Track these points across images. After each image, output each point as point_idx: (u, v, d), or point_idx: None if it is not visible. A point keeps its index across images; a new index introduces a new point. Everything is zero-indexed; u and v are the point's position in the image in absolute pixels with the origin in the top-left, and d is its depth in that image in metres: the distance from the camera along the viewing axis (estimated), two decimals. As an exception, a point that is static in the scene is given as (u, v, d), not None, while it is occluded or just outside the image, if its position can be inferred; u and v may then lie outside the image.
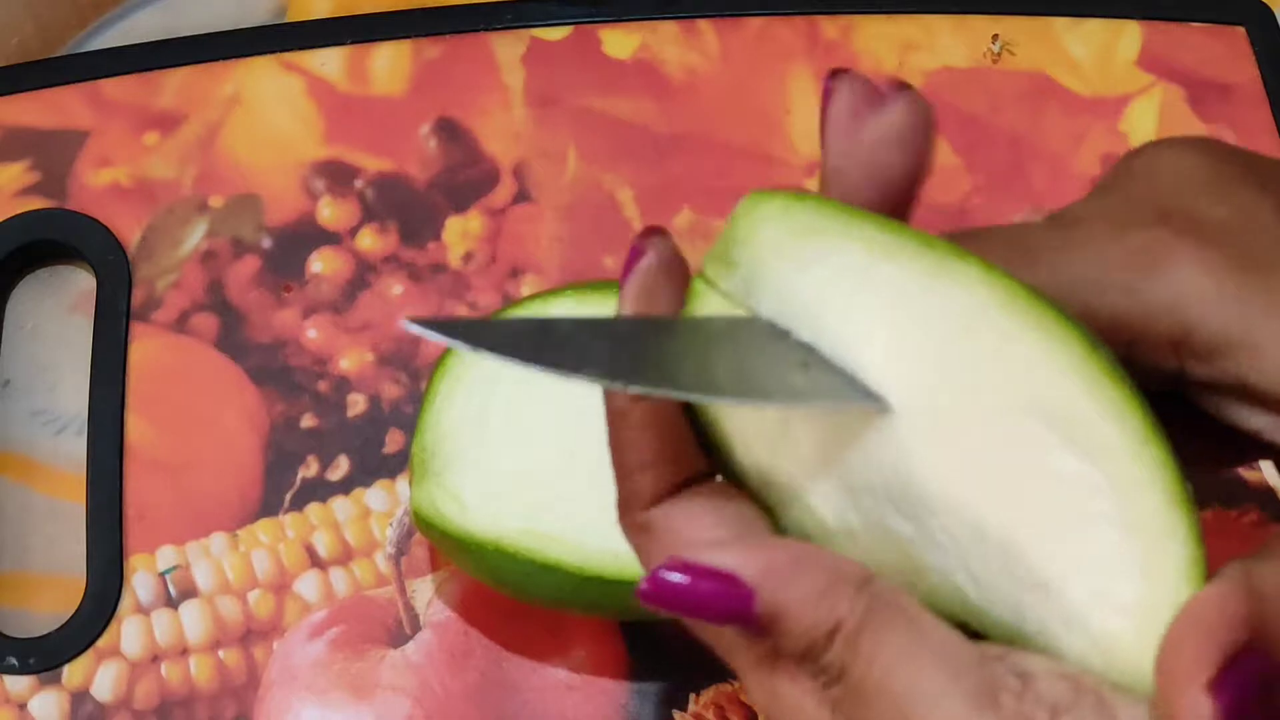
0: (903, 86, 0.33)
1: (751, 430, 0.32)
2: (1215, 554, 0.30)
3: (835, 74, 0.33)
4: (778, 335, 0.31)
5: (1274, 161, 0.34)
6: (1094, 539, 0.29)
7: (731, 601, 0.30)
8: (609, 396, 0.32)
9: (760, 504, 0.33)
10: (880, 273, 0.30)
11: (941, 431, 0.30)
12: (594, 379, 0.29)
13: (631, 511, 0.33)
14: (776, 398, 0.29)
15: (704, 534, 0.32)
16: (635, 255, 0.33)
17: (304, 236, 0.54)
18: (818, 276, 0.31)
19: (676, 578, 0.30)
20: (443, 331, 0.28)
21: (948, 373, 0.30)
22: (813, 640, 0.30)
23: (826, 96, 0.33)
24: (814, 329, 0.31)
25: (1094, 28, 0.58)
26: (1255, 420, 0.32)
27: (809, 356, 0.30)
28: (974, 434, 0.30)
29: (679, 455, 0.32)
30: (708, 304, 0.32)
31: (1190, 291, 0.31)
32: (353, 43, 0.57)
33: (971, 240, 0.33)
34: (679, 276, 0.33)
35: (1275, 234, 0.32)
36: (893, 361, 0.30)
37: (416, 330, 0.28)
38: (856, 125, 0.33)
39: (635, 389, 0.29)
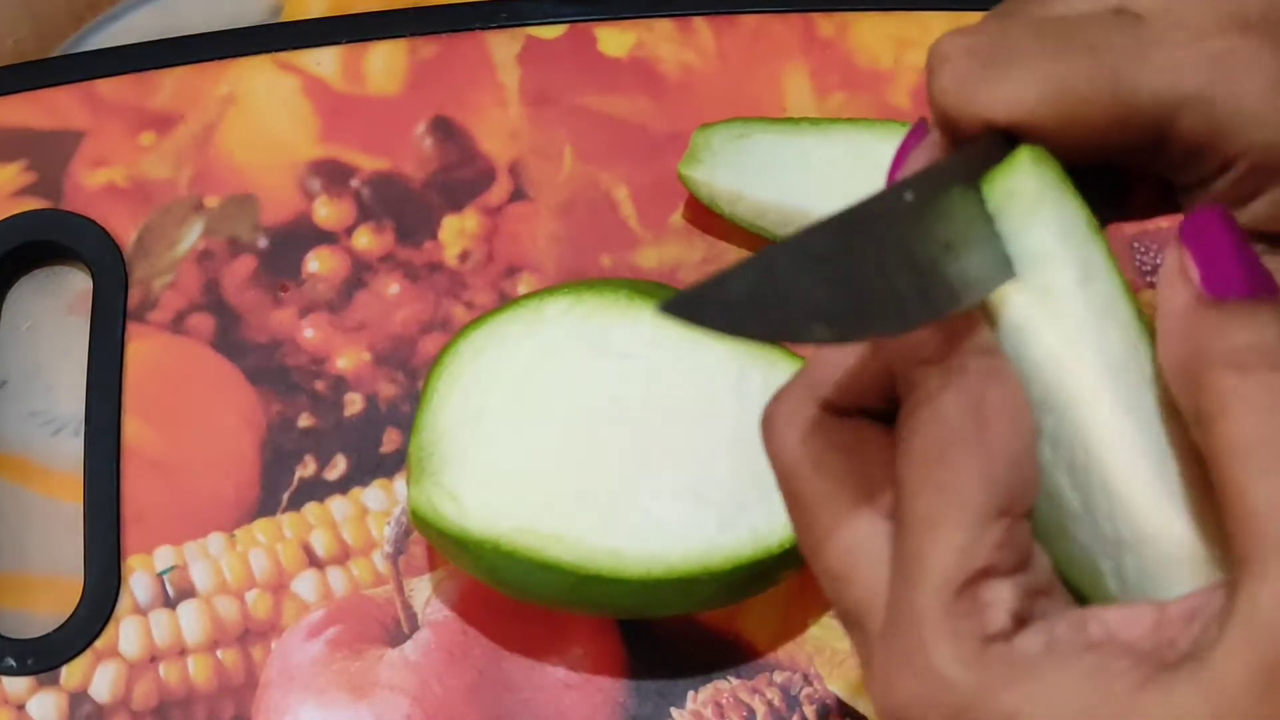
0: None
1: None
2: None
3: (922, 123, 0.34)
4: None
5: None
6: None
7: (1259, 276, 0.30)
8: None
9: None
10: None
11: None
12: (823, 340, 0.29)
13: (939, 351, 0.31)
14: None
15: (1000, 416, 0.31)
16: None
17: (300, 236, 0.54)
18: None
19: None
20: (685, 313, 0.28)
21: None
22: None
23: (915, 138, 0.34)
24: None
25: (1089, 24, 0.58)
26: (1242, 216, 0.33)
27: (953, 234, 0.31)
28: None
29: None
30: None
31: (1265, 112, 0.32)
32: (348, 42, 0.57)
33: (1042, 36, 0.33)
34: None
35: None
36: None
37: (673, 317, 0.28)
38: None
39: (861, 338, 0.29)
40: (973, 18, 0.58)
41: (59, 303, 0.54)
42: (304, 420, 0.52)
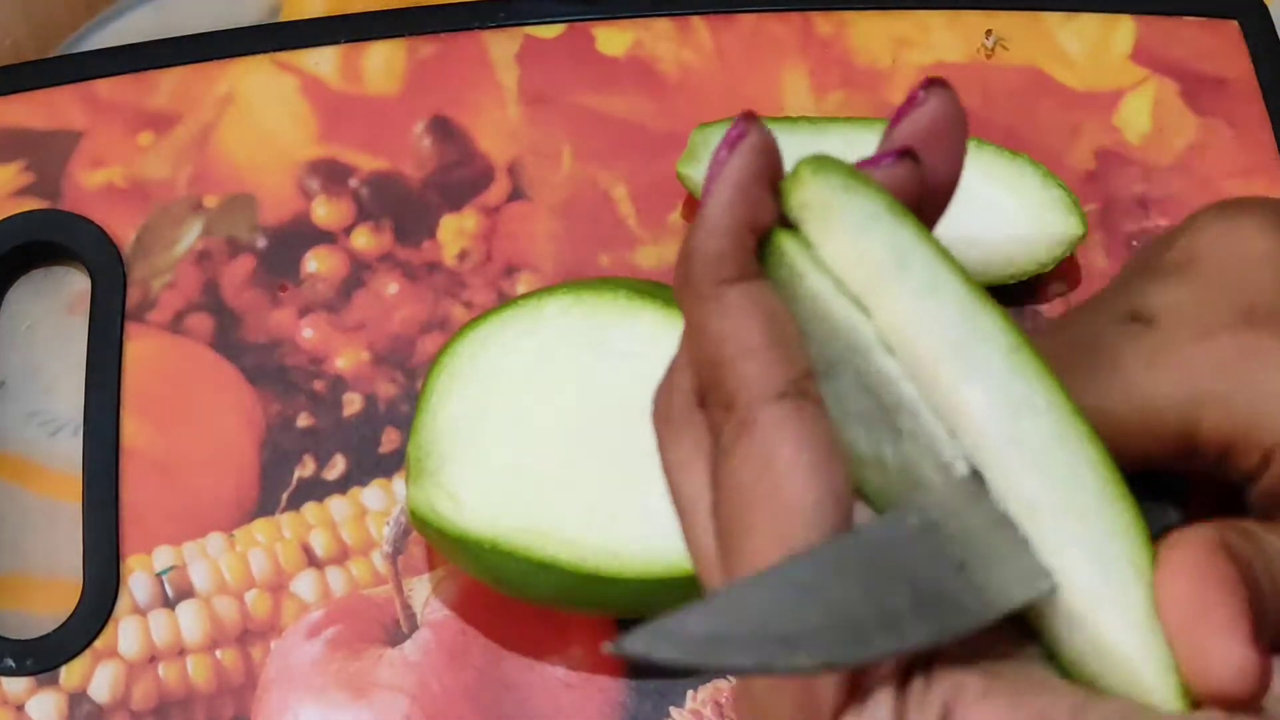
0: (936, 83, 0.33)
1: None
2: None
3: (932, 83, 0.33)
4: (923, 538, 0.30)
5: None
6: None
7: None
8: (685, 290, 0.31)
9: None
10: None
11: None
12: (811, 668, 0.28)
13: (737, 406, 0.30)
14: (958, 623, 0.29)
15: (792, 468, 0.29)
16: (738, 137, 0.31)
17: (299, 236, 0.54)
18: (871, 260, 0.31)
19: None
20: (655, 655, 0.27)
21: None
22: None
23: (912, 104, 0.33)
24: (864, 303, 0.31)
25: (1087, 22, 0.58)
26: None
27: (961, 555, 0.30)
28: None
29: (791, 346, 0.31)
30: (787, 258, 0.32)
31: None
32: (346, 42, 0.57)
33: (1052, 345, 0.32)
34: (777, 158, 0.32)
35: None
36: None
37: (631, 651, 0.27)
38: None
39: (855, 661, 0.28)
40: (970, 17, 0.58)
41: (58, 303, 0.54)
42: (303, 420, 0.52)
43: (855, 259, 0.31)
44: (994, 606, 0.29)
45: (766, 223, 0.31)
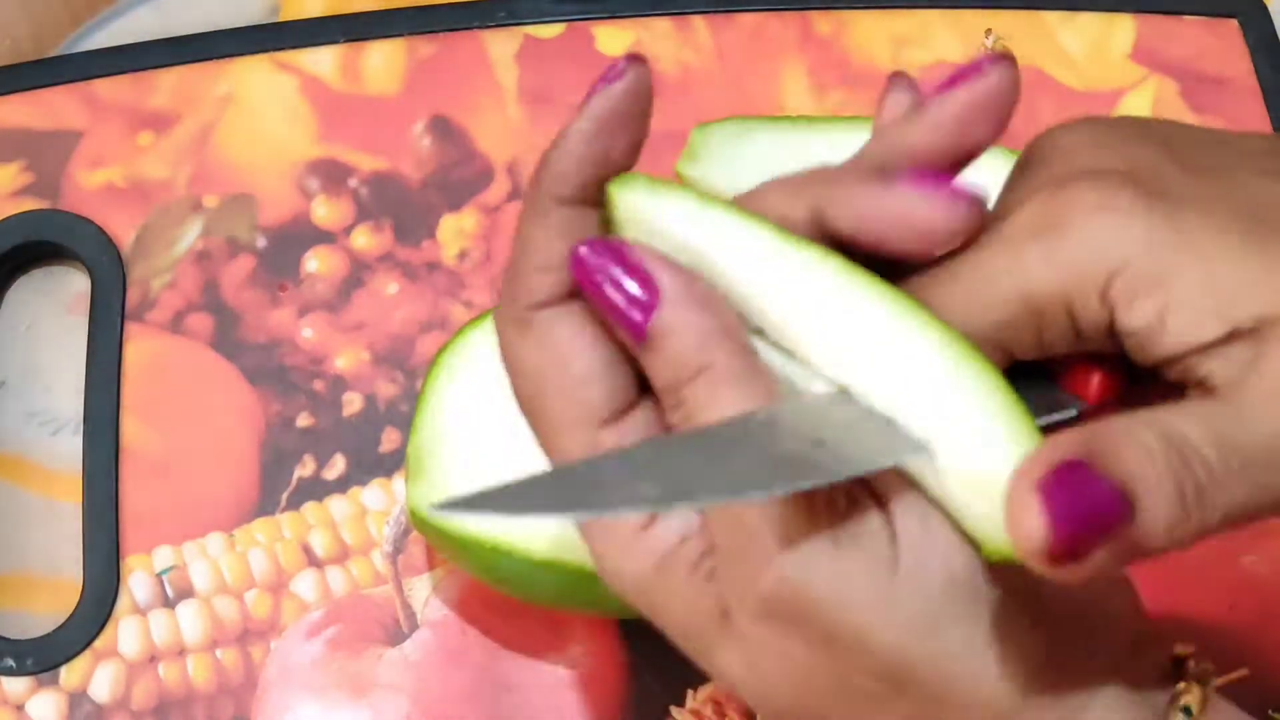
0: (1005, 59, 0.34)
1: None
2: (1199, 553, 0.30)
3: (1001, 59, 0.34)
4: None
5: (1151, 121, 0.35)
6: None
7: (638, 306, 0.32)
8: (529, 193, 0.34)
9: None
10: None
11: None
12: (641, 507, 0.30)
13: (516, 306, 0.34)
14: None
15: (576, 355, 0.34)
16: (613, 74, 0.33)
17: (299, 236, 0.54)
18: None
19: (598, 259, 0.32)
20: (477, 508, 0.29)
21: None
22: (679, 373, 0.32)
23: (975, 72, 0.34)
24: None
25: (1087, 21, 0.58)
26: (1177, 364, 0.32)
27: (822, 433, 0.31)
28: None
29: None
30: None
31: (1104, 234, 0.31)
32: (346, 41, 0.57)
33: (921, 274, 0.34)
34: (646, 105, 0.34)
35: (1169, 174, 0.32)
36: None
37: (453, 513, 0.29)
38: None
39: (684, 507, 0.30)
40: (970, 16, 0.58)
41: (58, 303, 0.54)
42: (303, 420, 0.52)
43: (679, 251, 0.33)
44: (855, 467, 0.31)
45: (617, 162, 0.34)
